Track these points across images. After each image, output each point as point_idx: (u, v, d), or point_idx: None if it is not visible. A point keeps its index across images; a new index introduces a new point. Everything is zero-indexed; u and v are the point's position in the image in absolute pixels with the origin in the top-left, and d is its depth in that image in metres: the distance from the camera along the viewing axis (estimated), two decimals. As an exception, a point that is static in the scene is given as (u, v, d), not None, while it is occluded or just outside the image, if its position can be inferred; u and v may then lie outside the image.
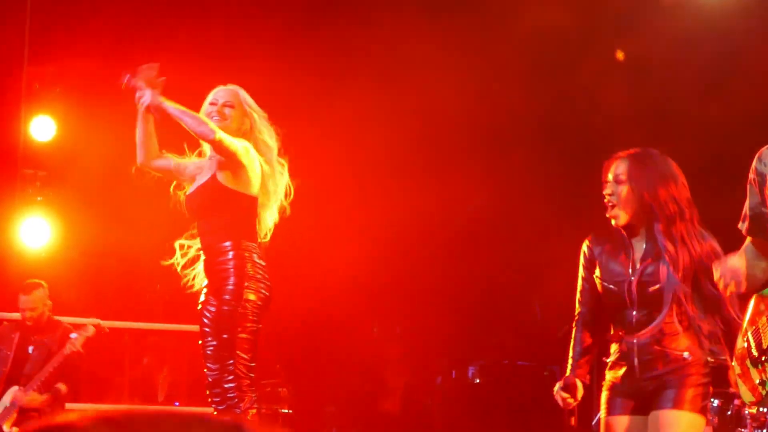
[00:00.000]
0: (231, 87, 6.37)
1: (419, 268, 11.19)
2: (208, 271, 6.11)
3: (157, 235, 8.45)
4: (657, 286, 5.35)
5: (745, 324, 4.93)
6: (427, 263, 11.15)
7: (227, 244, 6.00)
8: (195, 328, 6.36)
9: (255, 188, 6.13)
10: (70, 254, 10.35)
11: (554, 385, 5.59)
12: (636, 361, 5.41)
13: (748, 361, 4.86)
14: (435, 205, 11.05)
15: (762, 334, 4.76)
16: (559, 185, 10.81)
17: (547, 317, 10.29)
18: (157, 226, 7.19)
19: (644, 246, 5.43)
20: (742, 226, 5.04)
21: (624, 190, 5.41)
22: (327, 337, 11.21)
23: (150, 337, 10.60)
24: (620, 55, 10.46)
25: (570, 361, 5.59)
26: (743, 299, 5.01)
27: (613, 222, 5.45)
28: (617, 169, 5.46)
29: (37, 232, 10.28)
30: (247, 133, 6.19)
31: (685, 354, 5.35)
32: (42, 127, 10.32)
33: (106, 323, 9.07)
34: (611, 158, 5.54)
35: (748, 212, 4.99)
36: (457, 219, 11.23)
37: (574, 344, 5.61)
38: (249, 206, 6.13)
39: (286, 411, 10.02)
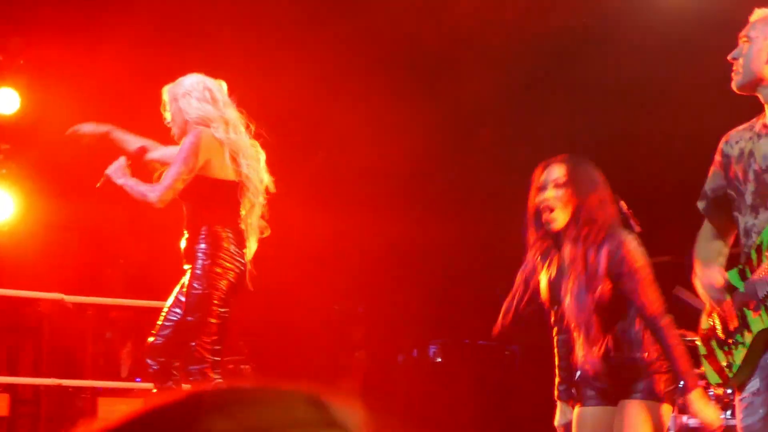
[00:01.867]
0: (165, 88, 6.42)
1: (380, 246, 11.21)
2: (186, 254, 6.21)
3: (121, 210, 8.45)
4: (566, 292, 5.40)
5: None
6: (389, 241, 11.17)
7: (203, 228, 6.09)
8: (158, 303, 6.45)
9: (229, 173, 6.18)
10: (32, 228, 10.29)
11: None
12: (590, 371, 5.47)
13: (714, 342, 4.90)
14: (399, 184, 11.09)
15: (728, 317, 4.80)
16: (523, 164, 10.83)
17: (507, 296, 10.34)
18: (121, 200, 7.15)
19: (568, 250, 5.41)
20: (701, 205, 5.08)
21: (564, 193, 5.45)
22: (289, 314, 11.22)
23: (113, 312, 10.57)
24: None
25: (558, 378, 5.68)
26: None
27: (549, 226, 5.44)
28: (556, 172, 5.50)
29: (1, 205, 10.22)
30: (201, 122, 6.20)
31: (645, 354, 5.39)
32: (5, 100, 10.24)
33: (69, 298, 9.04)
34: (543, 163, 5.56)
35: (709, 193, 5.04)
36: (421, 199, 11.26)
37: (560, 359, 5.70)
38: (225, 191, 6.18)
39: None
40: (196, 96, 6.26)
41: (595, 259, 5.31)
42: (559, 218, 5.40)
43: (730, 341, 4.80)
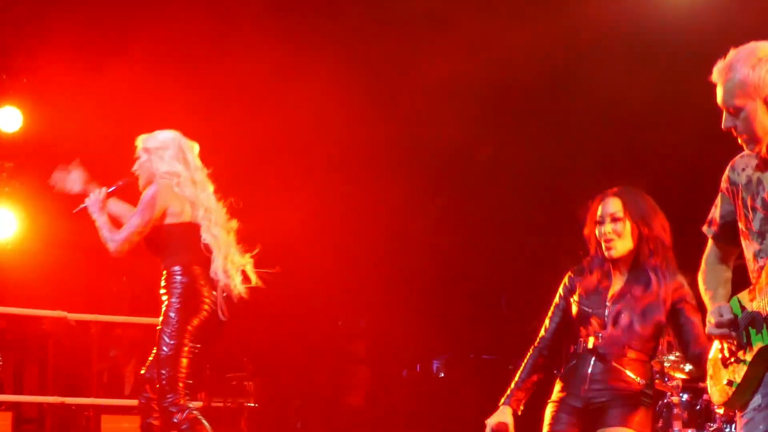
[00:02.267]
0: (140, 138, 6.76)
1: (385, 262, 11.22)
2: (161, 295, 6.57)
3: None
4: (628, 322, 5.56)
5: None
6: (393, 257, 11.19)
7: (171, 269, 6.49)
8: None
9: (187, 215, 6.57)
10: (36, 246, 10.30)
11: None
12: (589, 371, 5.55)
13: (719, 362, 4.92)
14: (402, 200, 11.10)
15: (731, 339, 4.81)
16: (530, 187, 10.87)
17: (513, 312, 10.35)
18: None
19: (624, 280, 5.64)
20: (709, 231, 5.09)
21: (622, 226, 5.65)
22: (293, 330, 11.23)
23: (117, 329, 10.57)
24: None
25: (513, 383, 5.74)
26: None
27: (609, 254, 5.65)
28: (612, 206, 5.69)
29: (4, 223, 10.22)
30: (168, 178, 6.60)
31: (639, 379, 5.55)
32: (9, 118, 10.27)
33: (73, 316, 9.05)
34: (599, 196, 5.75)
35: (718, 219, 5.05)
36: (423, 215, 11.27)
37: (524, 366, 5.79)
38: (185, 233, 6.57)
39: (252, 405, 10.04)
40: (169, 153, 6.65)
41: (660, 289, 5.60)
42: (619, 247, 5.64)
43: (733, 360, 4.81)
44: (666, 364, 6.00)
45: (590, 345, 5.61)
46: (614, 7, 9.92)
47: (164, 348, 6.46)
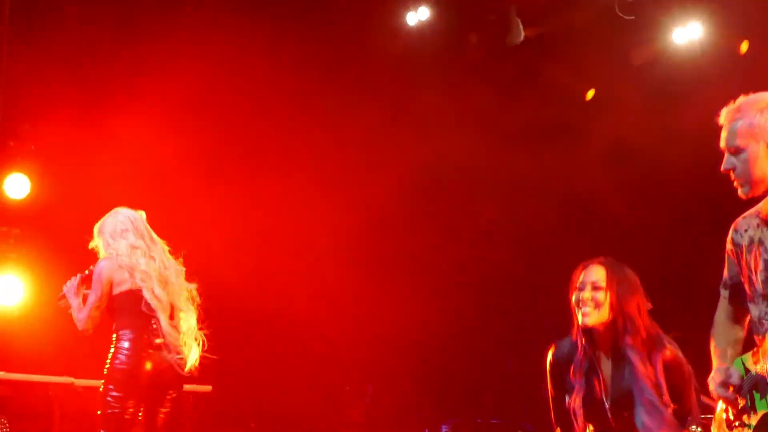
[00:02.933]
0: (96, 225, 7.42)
1: (391, 325, 11.19)
2: (109, 355, 7.20)
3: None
4: (631, 410, 5.49)
5: None
6: (398, 319, 11.16)
7: (119, 333, 7.14)
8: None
9: (128, 283, 7.18)
10: (43, 312, 10.29)
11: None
12: None
13: (724, 424, 4.90)
14: (407, 256, 11.11)
15: (738, 399, 4.79)
16: (537, 246, 10.87)
17: (521, 375, 10.31)
18: None
19: (611, 364, 5.58)
20: (724, 293, 5.11)
21: (602, 296, 5.58)
22: (297, 393, 11.16)
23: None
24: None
25: None
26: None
27: (583, 321, 5.59)
28: (595, 274, 5.62)
29: (11, 289, 10.24)
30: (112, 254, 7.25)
31: None
32: (16, 185, 10.31)
33: (80, 382, 9.03)
34: (582, 264, 5.69)
35: (728, 281, 5.06)
36: (427, 275, 11.26)
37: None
38: (129, 299, 7.16)
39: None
40: (116, 229, 7.31)
41: (654, 373, 5.51)
42: (593, 315, 5.58)
43: (737, 423, 4.79)
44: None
45: None
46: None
47: (102, 408, 6.97)
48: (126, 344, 7.03)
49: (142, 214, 7.46)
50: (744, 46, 9.92)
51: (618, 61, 10.39)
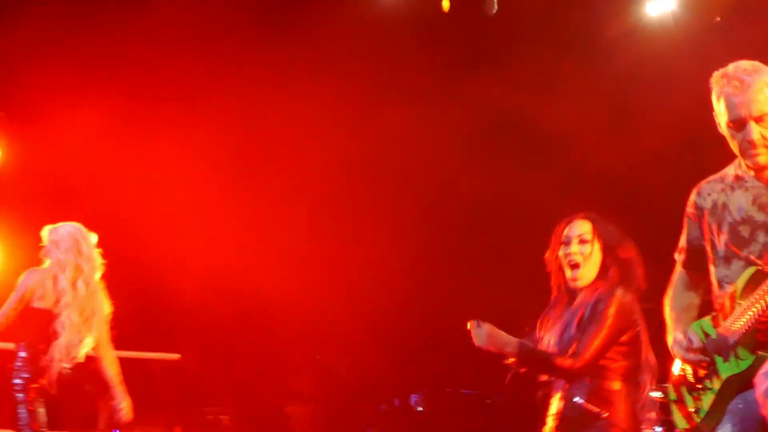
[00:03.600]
0: (45, 228, 7.72)
1: (363, 295, 11.20)
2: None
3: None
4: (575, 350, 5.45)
5: None
6: (372, 290, 11.17)
7: (21, 344, 7.43)
8: (137, 354, 6.76)
9: (48, 302, 7.43)
10: (12, 280, 10.26)
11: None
12: (563, 414, 5.53)
13: (684, 388, 4.91)
14: (381, 233, 11.11)
15: (699, 362, 4.81)
16: (512, 222, 10.86)
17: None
18: (107, 253, 7.43)
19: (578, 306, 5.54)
20: (679, 258, 5.13)
21: (589, 249, 5.51)
22: (270, 365, 11.18)
23: (92, 364, 10.50)
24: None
25: None
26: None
27: (574, 279, 5.56)
28: (580, 228, 5.57)
29: (-19, 257, 10.21)
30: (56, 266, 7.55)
31: (605, 413, 5.43)
32: (-14, 152, 10.26)
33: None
34: (566, 219, 5.65)
35: (686, 245, 5.08)
36: (400, 248, 11.26)
37: None
38: (37, 317, 7.42)
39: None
40: (64, 245, 7.54)
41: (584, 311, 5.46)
42: (586, 276, 5.53)
43: (700, 387, 4.81)
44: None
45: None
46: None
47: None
48: (22, 355, 7.33)
49: (94, 236, 7.66)
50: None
51: (592, 34, 10.38)
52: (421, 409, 11.80)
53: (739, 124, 4.69)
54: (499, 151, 10.89)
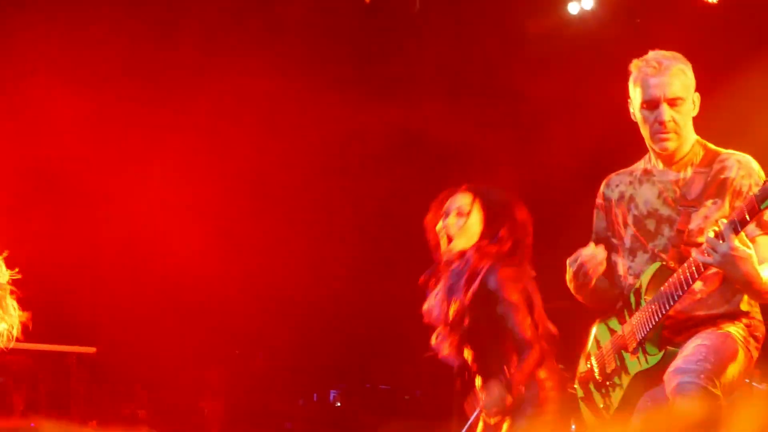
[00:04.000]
0: None
1: (282, 291, 11.18)
2: None
3: (13, 251, 8.35)
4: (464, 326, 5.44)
5: (588, 347, 5.06)
6: (291, 285, 11.15)
7: None
8: (54, 347, 6.64)
9: None
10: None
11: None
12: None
13: (591, 385, 4.97)
14: (303, 229, 11.11)
15: (606, 360, 4.88)
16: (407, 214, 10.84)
17: (411, 341, 10.35)
18: (21, 241, 7.24)
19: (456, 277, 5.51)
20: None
21: (464, 221, 5.48)
22: (187, 359, 11.11)
23: (8, 356, 10.38)
24: None
25: None
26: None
27: (449, 255, 5.52)
28: (460, 200, 5.54)
29: None
30: None
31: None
32: None
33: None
34: (448, 190, 5.63)
35: (594, 236, 5.16)
36: (319, 243, 11.26)
37: None
38: None
39: (145, 434, 9.92)
40: None
41: (470, 286, 5.38)
42: (457, 248, 5.47)
43: (608, 383, 4.87)
44: None
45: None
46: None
47: None
48: None
49: None
50: None
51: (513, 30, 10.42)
52: (340, 404, 11.81)
53: (652, 104, 4.78)
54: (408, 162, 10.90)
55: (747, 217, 4.31)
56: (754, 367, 4.85)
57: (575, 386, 5.08)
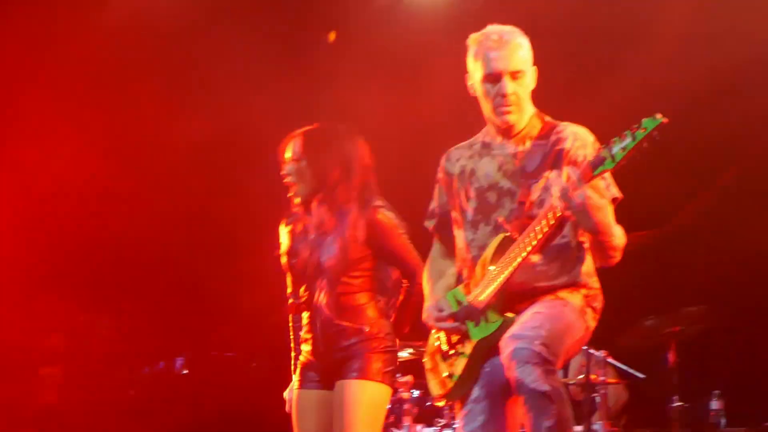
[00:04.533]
0: None
1: (127, 257, 11.08)
2: None
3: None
4: (325, 259, 5.55)
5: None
6: (137, 253, 11.06)
7: None
8: None
9: None
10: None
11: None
12: (320, 334, 5.63)
13: (438, 356, 5.06)
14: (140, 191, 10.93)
15: (451, 330, 4.96)
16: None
17: (255, 309, 10.37)
18: None
19: (315, 220, 5.63)
20: (429, 224, 5.29)
21: (299, 167, 5.59)
22: (23, 323, 10.88)
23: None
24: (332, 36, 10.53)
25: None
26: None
27: (296, 203, 5.68)
28: (293, 146, 5.64)
29: None
30: None
31: (366, 328, 5.58)
32: None
33: None
34: (289, 135, 5.72)
35: (436, 210, 5.24)
36: (169, 212, 11.14)
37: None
38: None
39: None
40: None
41: (343, 226, 5.53)
42: (301, 192, 5.62)
43: (452, 353, 4.97)
44: None
45: (308, 304, 5.72)
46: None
47: None
48: None
49: None
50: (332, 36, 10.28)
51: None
52: (186, 371, 11.78)
53: (494, 77, 4.86)
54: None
55: (579, 182, 4.45)
56: (590, 336, 4.99)
57: (424, 360, 5.18)
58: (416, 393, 8.21)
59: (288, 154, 5.65)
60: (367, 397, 5.45)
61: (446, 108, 8.54)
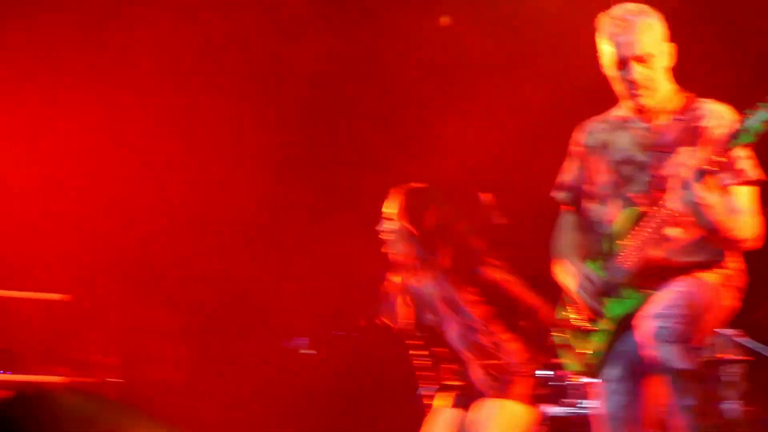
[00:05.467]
0: None
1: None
2: None
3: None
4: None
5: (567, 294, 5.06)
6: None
7: None
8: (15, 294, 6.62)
9: None
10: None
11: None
12: None
13: (574, 332, 5.01)
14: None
15: (586, 305, 4.90)
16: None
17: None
18: None
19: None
20: (560, 195, 5.21)
21: (397, 225, 5.79)
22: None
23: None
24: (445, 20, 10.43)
25: None
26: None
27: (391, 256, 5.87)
28: (389, 205, 5.85)
29: None
30: None
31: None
32: None
33: None
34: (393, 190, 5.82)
35: (569, 181, 5.17)
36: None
37: None
38: None
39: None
40: None
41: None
42: (399, 250, 5.79)
43: (588, 329, 4.91)
44: None
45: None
46: None
47: None
48: None
49: None
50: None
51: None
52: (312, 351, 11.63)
53: (621, 63, 4.82)
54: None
55: (714, 159, 4.37)
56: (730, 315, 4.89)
57: (554, 333, 5.11)
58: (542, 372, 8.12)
59: (386, 211, 5.76)
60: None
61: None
